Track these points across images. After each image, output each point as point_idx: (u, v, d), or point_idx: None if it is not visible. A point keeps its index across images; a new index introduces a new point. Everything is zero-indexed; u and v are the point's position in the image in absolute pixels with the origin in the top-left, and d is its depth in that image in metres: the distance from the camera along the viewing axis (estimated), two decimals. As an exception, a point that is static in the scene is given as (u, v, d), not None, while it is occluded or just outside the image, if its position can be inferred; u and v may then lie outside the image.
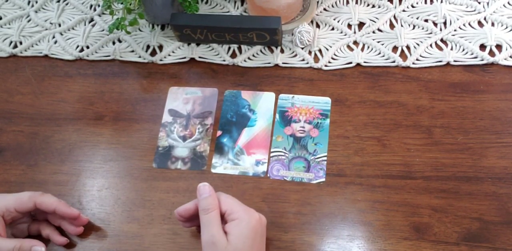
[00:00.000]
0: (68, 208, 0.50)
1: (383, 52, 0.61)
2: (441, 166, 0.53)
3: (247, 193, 0.54)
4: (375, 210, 0.51)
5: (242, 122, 0.59)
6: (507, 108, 0.55)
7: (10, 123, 0.61)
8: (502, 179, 0.52)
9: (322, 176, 0.54)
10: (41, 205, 0.49)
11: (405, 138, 0.55)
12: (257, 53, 0.63)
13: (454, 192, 0.51)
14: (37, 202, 0.49)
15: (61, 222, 0.52)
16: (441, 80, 0.58)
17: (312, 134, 0.57)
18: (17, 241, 0.47)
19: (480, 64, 0.59)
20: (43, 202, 0.49)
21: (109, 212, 0.54)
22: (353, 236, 0.50)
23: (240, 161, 0.56)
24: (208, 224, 0.45)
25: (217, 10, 0.67)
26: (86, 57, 0.65)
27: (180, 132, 0.59)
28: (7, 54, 0.67)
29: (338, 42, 0.62)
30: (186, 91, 0.61)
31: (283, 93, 0.60)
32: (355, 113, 0.57)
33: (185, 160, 0.57)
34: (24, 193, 0.50)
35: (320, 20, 0.64)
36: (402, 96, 0.58)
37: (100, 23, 0.68)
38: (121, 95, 0.62)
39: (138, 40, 0.66)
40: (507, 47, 0.59)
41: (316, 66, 0.61)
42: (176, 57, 0.64)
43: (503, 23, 0.60)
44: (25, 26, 0.69)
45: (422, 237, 0.49)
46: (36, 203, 0.49)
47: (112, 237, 0.53)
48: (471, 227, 0.49)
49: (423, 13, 0.63)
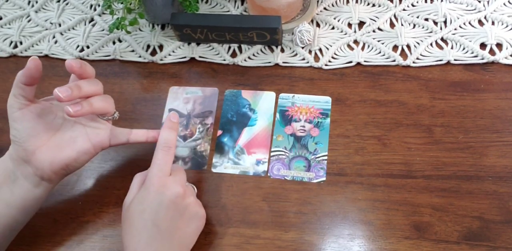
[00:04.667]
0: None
1: (384, 51, 0.61)
2: (442, 165, 0.53)
3: (247, 193, 0.54)
4: (376, 209, 0.51)
5: (243, 122, 0.59)
6: (508, 107, 0.55)
7: (10, 123, 0.62)
8: (503, 177, 0.52)
9: (323, 175, 0.54)
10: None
11: (406, 137, 0.55)
12: (258, 53, 0.63)
13: (454, 191, 0.51)
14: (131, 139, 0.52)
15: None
16: (442, 79, 0.58)
17: (313, 133, 0.57)
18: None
19: (480, 63, 0.59)
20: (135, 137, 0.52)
21: (109, 212, 0.54)
22: (353, 235, 0.50)
23: (240, 160, 0.56)
24: (162, 163, 0.46)
25: (217, 10, 0.68)
26: (86, 57, 0.65)
27: (180, 132, 0.59)
28: (7, 54, 0.67)
29: (338, 41, 0.62)
30: (187, 91, 0.61)
31: (283, 93, 0.60)
32: (356, 113, 0.57)
33: (186, 160, 0.57)
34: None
35: (320, 19, 0.64)
36: (402, 95, 0.58)
37: (100, 23, 0.68)
38: (122, 95, 0.62)
39: (138, 40, 0.66)
40: (508, 46, 0.59)
41: (317, 66, 0.61)
42: (177, 57, 0.64)
43: (504, 22, 0.60)
44: (25, 26, 0.69)
45: (423, 236, 0.49)
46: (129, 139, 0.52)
47: (113, 237, 0.53)
48: (471, 226, 0.49)
49: (423, 12, 0.63)
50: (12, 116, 0.46)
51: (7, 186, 0.47)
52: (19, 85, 0.45)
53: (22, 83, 0.45)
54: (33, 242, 0.53)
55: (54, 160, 0.47)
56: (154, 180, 0.45)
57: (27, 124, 0.46)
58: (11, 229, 0.48)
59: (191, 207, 0.47)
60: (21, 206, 0.47)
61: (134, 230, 0.44)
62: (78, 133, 0.49)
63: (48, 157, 0.47)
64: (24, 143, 0.46)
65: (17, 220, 0.48)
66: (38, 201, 0.49)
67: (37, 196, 0.48)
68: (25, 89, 0.45)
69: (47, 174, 0.47)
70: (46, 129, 0.47)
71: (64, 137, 0.48)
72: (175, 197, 0.45)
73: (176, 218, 0.45)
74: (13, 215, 0.47)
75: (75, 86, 0.45)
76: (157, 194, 0.45)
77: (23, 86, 0.45)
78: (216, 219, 0.53)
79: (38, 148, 0.47)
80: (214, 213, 0.53)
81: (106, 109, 0.49)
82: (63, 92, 0.43)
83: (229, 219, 0.53)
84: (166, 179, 0.46)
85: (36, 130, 0.47)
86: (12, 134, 0.46)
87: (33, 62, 0.44)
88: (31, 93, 0.46)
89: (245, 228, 0.52)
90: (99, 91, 0.48)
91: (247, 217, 0.53)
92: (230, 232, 0.52)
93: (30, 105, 0.46)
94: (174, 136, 0.49)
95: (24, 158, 0.47)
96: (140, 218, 0.44)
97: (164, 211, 0.45)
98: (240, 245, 0.51)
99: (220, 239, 0.51)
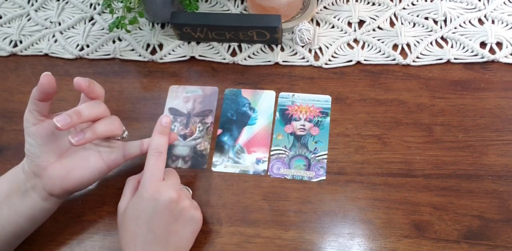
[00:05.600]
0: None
1: (384, 50, 0.61)
2: (442, 164, 0.53)
3: (247, 192, 0.54)
4: (376, 208, 0.51)
5: (243, 121, 0.59)
6: (508, 106, 0.55)
7: (10, 122, 0.62)
8: (503, 176, 0.52)
9: (323, 174, 0.54)
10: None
11: (406, 136, 0.55)
12: (257, 52, 0.63)
13: (454, 190, 0.51)
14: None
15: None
16: (442, 78, 0.58)
17: (313, 132, 0.57)
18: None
19: (480, 62, 0.59)
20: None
21: (110, 211, 0.54)
22: (353, 234, 0.50)
23: (240, 159, 0.56)
24: (154, 168, 0.46)
25: (217, 9, 0.67)
26: (86, 56, 0.65)
27: (180, 131, 0.59)
28: (7, 53, 0.67)
29: (338, 40, 0.62)
30: (187, 90, 0.61)
31: (283, 92, 0.60)
32: (356, 112, 0.57)
33: (186, 159, 0.57)
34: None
35: (320, 18, 0.64)
36: (402, 94, 0.58)
37: (100, 22, 0.68)
38: (121, 94, 0.62)
39: (138, 39, 0.66)
40: (508, 45, 0.59)
41: (316, 65, 0.61)
42: (176, 56, 0.64)
43: (504, 20, 0.60)
44: (25, 25, 0.69)
45: (423, 235, 0.49)
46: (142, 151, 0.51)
47: (113, 236, 0.53)
48: (471, 225, 0.49)
49: (423, 11, 0.63)
50: (27, 131, 0.46)
51: (17, 196, 0.47)
52: (33, 101, 0.45)
53: (36, 99, 0.44)
54: (34, 241, 0.53)
55: (65, 177, 0.47)
56: (147, 186, 0.45)
57: (40, 141, 0.46)
58: (16, 237, 0.48)
59: (186, 211, 0.47)
60: (29, 215, 0.48)
61: (129, 236, 0.44)
62: (91, 152, 0.49)
63: (59, 174, 0.47)
64: (37, 159, 0.46)
65: (23, 228, 0.48)
66: (46, 213, 0.49)
67: (45, 208, 0.49)
68: (39, 105, 0.45)
69: (56, 190, 0.47)
70: (59, 146, 0.48)
71: (77, 154, 0.48)
72: (169, 202, 0.45)
73: (171, 223, 0.45)
74: (20, 223, 0.48)
75: (74, 113, 0.44)
76: (151, 200, 0.45)
77: (37, 102, 0.45)
78: (216, 218, 0.53)
79: (51, 164, 0.47)
80: (214, 212, 0.53)
81: (111, 132, 0.48)
82: (61, 121, 0.42)
83: (229, 218, 0.53)
84: (159, 185, 0.46)
85: (49, 147, 0.47)
86: (26, 147, 0.47)
87: (46, 78, 0.43)
88: (45, 109, 0.46)
89: (245, 227, 0.52)
90: (102, 114, 0.47)
91: (247, 216, 0.53)
92: (230, 231, 0.52)
93: (45, 121, 0.46)
94: (165, 140, 0.49)
95: (36, 173, 0.47)
96: (135, 224, 0.44)
97: (159, 217, 0.45)
98: (240, 244, 0.51)
99: (220, 238, 0.52)
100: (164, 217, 0.45)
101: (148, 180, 0.46)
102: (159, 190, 0.45)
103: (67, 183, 0.47)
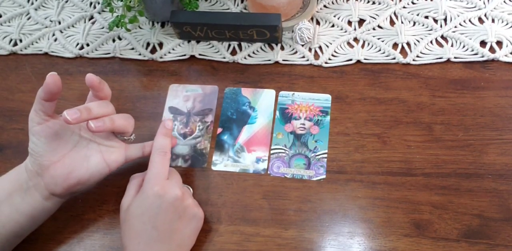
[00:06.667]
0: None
1: (384, 49, 0.61)
2: (442, 163, 0.53)
3: (247, 190, 0.54)
4: (376, 207, 0.51)
5: (243, 120, 0.59)
6: (508, 105, 0.55)
7: (10, 121, 0.62)
8: (503, 175, 0.52)
9: (323, 173, 0.54)
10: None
11: (406, 134, 0.55)
12: (257, 51, 0.63)
13: (454, 189, 0.51)
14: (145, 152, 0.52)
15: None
16: (442, 77, 0.58)
17: (313, 131, 0.57)
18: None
19: (480, 61, 0.59)
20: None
21: (110, 210, 0.54)
22: (353, 233, 0.50)
23: (240, 158, 0.56)
24: (158, 167, 0.47)
25: (217, 8, 0.67)
26: (86, 55, 0.65)
27: (180, 129, 0.59)
28: (7, 52, 0.67)
29: (338, 39, 0.62)
30: (187, 89, 0.61)
31: (283, 91, 0.60)
32: (356, 110, 0.57)
33: (186, 158, 0.57)
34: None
35: (320, 17, 0.64)
36: (402, 93, 0.58)
37: (100, 20, 0.68)
38: (121, 93, 0.62)
39: (138, 38, 0.66)
40: (508, 43, 0.59)
41: (316, 63, 0.61)
42: (176, 55, 0.64)
43: (504, 19, 0.60)
44: (25, 24, 0.69)
45: (423, 234, 0.50)
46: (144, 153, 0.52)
47: (113, 235, 0.53)
48: (471, 223, 0.50)
49: (423, 10, 0.63)
50: (32, 130, 0.46)
51: (19, 194, 0.47)
52: (39, 101, 0.45)
53: (41, 99, 0.45)
54: (34, 240, 0.53)
55: (67, 177, 0.47)
56: (152, 183, 0.46)
57: (44, 140, 0.46)
58: (16, 235, 0.49)
59: (190, 209, 0.48)
60: (30, 214, 0.48)
61: (133, 233, 0.45)
62: (93, 151, 0.49)
63: (61, 173, 0.47)
64: (40, 158, 0.46)
65: (23, 227, 0.48)
66: (47, 212, 0.49)
67: (46, 207, 0.49)
68: (45, 105, 0.45)
69: (58, 190, 0.47)
70: (63, 145, 0.48)
71: (79, 154, 0.49)
72: (174, 200, 0.46)
73: (175, 220, 0.46)
74: (20, 222, 0.48)
75: (84, 109, 0.45)
76: (156, 197, 0.45)
77: (43, 102, 0.45)
78: (216, 217, 0.53)
79: (53, 163, 0.47)
80: (214, 211, 0.53)
81: (126, 128, 0.49)
82: (71, 115, 0.43)
83: (229, 216, 0.53)
84: (164, 182, 0.46)
85: (52, 146, 0.47)
86: (30, 146, 0.47)
87: (51, 78, 0.44)
88: (50, 109, 0.46)
89: (245, 225, 0.52)
90: (110, 113, 0.48)
91: (247, 214, 0.53)
92: (230, 229, 0.52)
93: (49, 121, 0.47)
94: (169, 142, 0.50)
95: (38, 172, 0.47)
96: (139, 221, 0.45)
97: (163, 214, 0.45)
98: (240, 242, 0.51)
99: (220, 236, 0.52)
100: (169, 214, 0.45)
101: (154, 177, 0.46)
102: (164, 188, 0.46)
103: (69, 183, 0.47)
